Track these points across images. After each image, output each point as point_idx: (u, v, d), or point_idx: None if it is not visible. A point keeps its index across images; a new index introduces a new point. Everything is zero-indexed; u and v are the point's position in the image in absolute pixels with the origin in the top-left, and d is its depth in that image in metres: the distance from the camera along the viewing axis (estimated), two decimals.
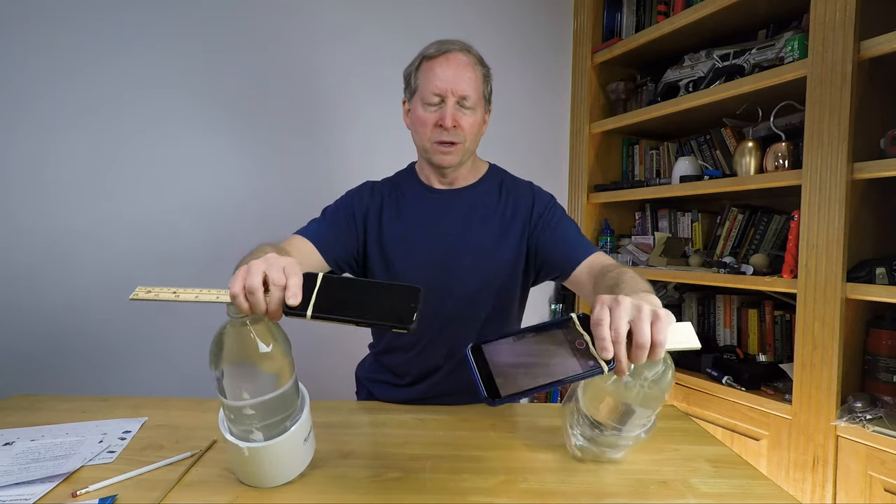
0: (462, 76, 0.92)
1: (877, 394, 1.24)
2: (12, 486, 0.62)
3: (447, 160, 0.96)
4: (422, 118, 0.94)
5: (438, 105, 0.93)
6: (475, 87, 0.94)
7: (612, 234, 2.07)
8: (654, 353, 0.51)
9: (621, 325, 0.51)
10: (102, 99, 1.44)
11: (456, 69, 0.92)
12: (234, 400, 0.57)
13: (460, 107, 0.93)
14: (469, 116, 0.94)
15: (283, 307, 0.55)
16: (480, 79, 0.96)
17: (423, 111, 0.94)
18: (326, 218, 1.01)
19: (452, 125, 0.92)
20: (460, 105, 0.93)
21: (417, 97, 0.95)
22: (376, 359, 1.10)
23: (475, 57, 0.96)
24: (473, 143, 0.99)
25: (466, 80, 0.92)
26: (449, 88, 0.91)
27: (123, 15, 1.45)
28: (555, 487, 0.64)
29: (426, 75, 0.93)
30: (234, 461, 0.63)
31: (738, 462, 0.73)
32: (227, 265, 1.70)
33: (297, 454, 0.63)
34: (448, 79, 0.91)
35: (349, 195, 1.04)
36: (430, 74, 0.92)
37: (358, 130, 1.76)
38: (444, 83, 0.91)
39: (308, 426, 0.64)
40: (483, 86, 0.97)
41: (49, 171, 1.40)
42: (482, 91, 0.97)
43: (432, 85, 0.92)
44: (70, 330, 1.43)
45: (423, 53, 0.95)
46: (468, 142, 0.96)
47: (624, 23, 2.00)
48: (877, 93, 1.27)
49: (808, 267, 1.30)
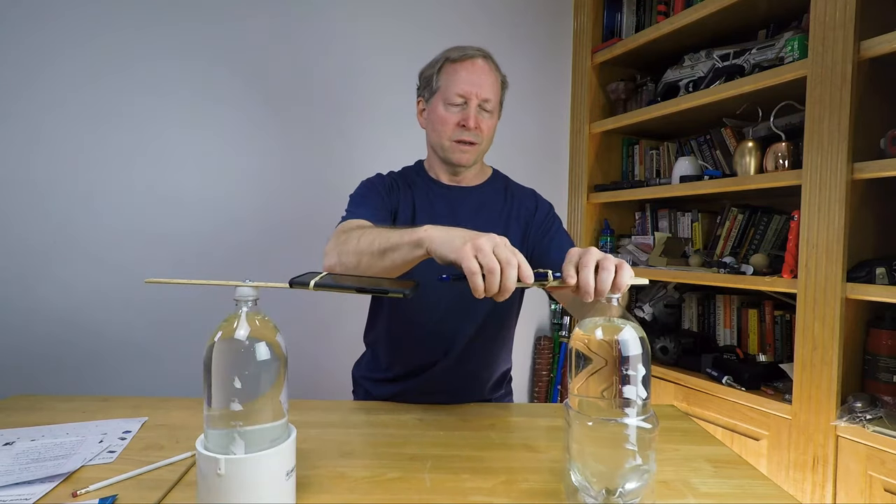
0: (485, 81, 0.97)
1: (877, 394, 1.24)
2: (12, 486, 0.62)
3: (465, 158, 0.99)
4: (443, 117, 0.98)
5: (462, 106, 0.97)
6: (495, 92, 0.99)
7: (612, 234, 2.07)
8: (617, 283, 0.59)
9: (589, 258, 0.60)
10: (103, 99, 1.44)
11: (480, 74, 0.97)
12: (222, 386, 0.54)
13: (482, 109, 0.98)
14: (488, 120, 0.99)
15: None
16: (499, 86, 1.01)
17: (444, 111, 0.98)
18: (370, 197, 0.99)
19: (475, 126, 0.96)
20: (482, 108, 0.98)
21: (439, 97, 0.99)
22: (373, 354, 1.11)
23: (494, 65, 1.01)
24: (487, 145, 1.03)
25: (489, 84, 0.97)
26: (474, 91, 0.96)
27: (127, 15, 1.45)
28: (555, 487, 0.64)
29: (451, 77, 0.97)
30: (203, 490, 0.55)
31: (738, 462, 0.73)
32: (228, 265, 1.70)
33: (279, 487, 0.55)
34: (473, 82, 0.96)
35: (377, 176, 1.05)
36: (454, 77, 0.97)
37: (365, 132, 1.76)
38: (470, 86, 0.96)
39: (293, 459, 0.58)
40: (500, 93, 1.02)
41: (50, 171, 1.40)
42: (500, 97, 1.02)
43: (457, 87, 0.96)
44: (70, 330, 1.43)
45: (446, 56, 0.99)
46: (484, 143, 1.01)
47: (624, 23, 2.00)
48: (877, 93, 1.27)
49: (808, 267, 1.30)
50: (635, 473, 0.55)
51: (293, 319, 1.50)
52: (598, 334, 0.57)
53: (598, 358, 0.56)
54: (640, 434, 0.55)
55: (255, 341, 0.56)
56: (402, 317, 1.02)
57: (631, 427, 0.55)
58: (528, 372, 2.14)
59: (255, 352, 0.55)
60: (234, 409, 0.54)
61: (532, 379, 2.14)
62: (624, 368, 0.55)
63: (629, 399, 0.55)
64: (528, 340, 2.13)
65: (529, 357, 2.13)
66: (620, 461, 0.55)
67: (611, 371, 0.55)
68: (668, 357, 1.70)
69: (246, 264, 1.60)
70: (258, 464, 0.54)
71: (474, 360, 1.02)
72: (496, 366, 1.07)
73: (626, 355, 0.55)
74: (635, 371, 0.55)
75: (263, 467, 0.54)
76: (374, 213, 0.93)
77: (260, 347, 0.56)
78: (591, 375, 0.56)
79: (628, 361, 0.55)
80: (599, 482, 0.56)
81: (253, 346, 0.55)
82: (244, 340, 0.55)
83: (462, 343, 1.00)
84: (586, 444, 0.57)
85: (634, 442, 0.55)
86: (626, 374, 0.55)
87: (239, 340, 0.55)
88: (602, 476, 0.56)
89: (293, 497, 0.58)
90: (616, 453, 0.55)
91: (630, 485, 0.55)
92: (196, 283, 0.60)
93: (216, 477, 0.53)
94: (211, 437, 0.56)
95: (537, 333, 2.15)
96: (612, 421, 0.55)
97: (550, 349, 2.10)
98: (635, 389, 0.55)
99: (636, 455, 0.55)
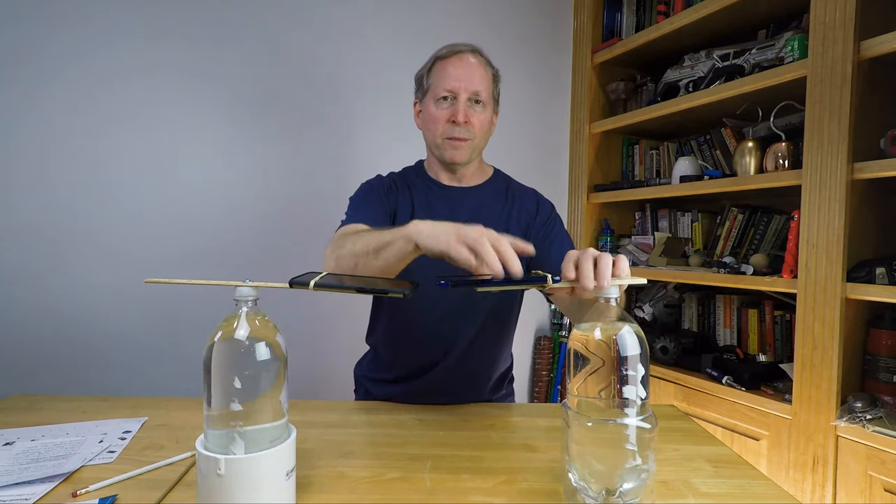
0: (473, 74, 0.96)
1: (877, 394, 1.24)
2: (12, 486, 0.62)
3: (458, 155, 0.99)
4: (434, 115, 0.98)
5: (450, 102, 0.96)
6: (486, 85, 0.98)
7: (612, 234, 2.07)
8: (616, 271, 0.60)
9: (585, 257, 0.60)
10: (105, 100, 1.44)
11: (467, 68, 0.96)
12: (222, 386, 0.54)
13: (472, 103, 0.97)
14: (480, 113, 0.98)
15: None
16: (490, 79, 1.00)
17: (435, 108, 0.98)
18: (368, 201, 0.99)
19: (464, 121, 0.95)
20: (472, 101, 0.97)
21: (430, 96, 0.99)
22: (375, 354, 1.11)
23: (485, 59, 1.00)
24: (483, 141, 1.02)
25: (478, 77, 0.97)
26: (461, 86, 0.95)
27: (131, 14, 1.45)
28: (554, 487, 0.64)
29: (439, 74, 0.97)
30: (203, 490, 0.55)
31: (738, 462, 0.73)
32: (228, 266, 1.70)
33: (278, 487, 0.55)
34: (460, 77, 0.95)
35: (376, 178, 1.06)
36: (442, 73, 0.97)
37: (368, 131, 1.76)
38: (457, 81, 0.95)
39: (293, 459, 0.58)
40: (493, 86, 1.01)
41: (50, 171, 1.40)
42: (492, 91, 1.01)
43: (445, 82, 0.96)
44: (70, 330, 1.43)
45: (436, 55, 0.99)
46: (478, 138, 0.99)
47: (624, 23, 2.00)
48: (876, 93, 1.27)
49: (808, 267, 1.30)
50: (634, 473, 0.55)
51: (293, 319, 1.50)
52: (597, 334, 0.57)
53: (597, 358, 0.56)
54: (639, 434, 0.55)
55: (255, 341, 0.56)
56: (402, 317, 1.02)
57: (630, 427, 0.55)
58: (528, 372, 2.14)
59: (255, 352, 0.55)
60: (234, 409, 0.54)
61: (532, 379, 2.14)
62: (623, 368, 0.55)
63: (628, 399, 0.55)
64: (528, 340, 2.13)
65: (529, 357, 2.13)
66: (619, 461, 0.55)
67: (609, 371, 0.55)
68: (668, 357, 1.70)
69: (246, 264, 1.60)
70: (258, 464, 0.54)
71: (475, 360, 1.02)
72: (497, 366, 1.07)
73: (624, 355, 0.55)
74: (634, 371, 0.55)
75: (263, 467, 0.54)
76: (372, 217, 0.92)
77: (260, 347, 0.56)
78: (589, 375, 0.56)
79: (627, 361, 0.55)
80: (599, 482, 0.56)
81: (253, 346, 0.55)
82: (244, 340, 0.55)
83: (462, 344, 1.00)
84: (585, 444, 0.56)
85: (634, 442, 0.55)
86: (625, 374, 0.55)
87: (239, 340, 0.55)
88: (601, 476, 0.56)
89: (293, 497, 0.58)
90: (615, 453, 0.55)
91: (629, 485, 0.55)
92: (196, 283, 0.60)
93: (216, 477, 0.53)
94: (211, 437, 0.56)
95: (537, 333, 2.15)
96: (611, 421, 0.55)
97: (550, 349, 2.10)
98: (634, 389, 0.55)
99: (635, 455, 0.55)
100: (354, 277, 0.71)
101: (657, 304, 1.92)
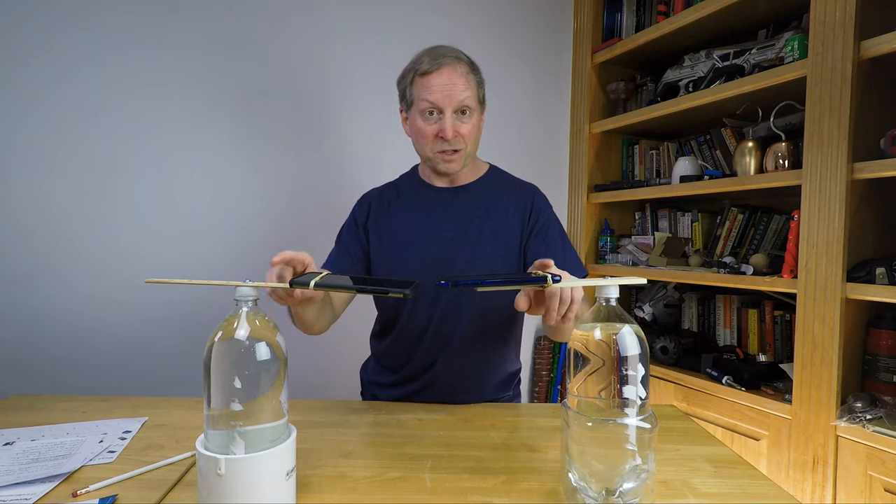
0: (458, 85, 0.94)
1: (877, 394, 1.24)
2: (12, 486, 0.62)
3: (452, 167, 0.99)
4: (422, 129, 0.97)
5: (437, 116, 0.95)
6: (471, 92, 0.96)
7: (612, 234, 2.07)
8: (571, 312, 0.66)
9: None
10: (106, 101, 1.44)
11: (450, 81, 0.93)
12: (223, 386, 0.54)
13: (458, 114, 0.95)
14: (467, 124, 0.97)
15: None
16: (474, 86, 0.98)
17: (422, 123, 0.96)
18: (340, 242, 1.08)
19: (453, 136, 0.94)
20: (459, 113, 0.95)
21: (415, 110, 0.97)
22: (377, 356, 1.11)
23: (467, 65, 0.97)
24: (474, 146, 1.01)
25: (461, 88, 0.94)
26: (446, 101, 0.93)
27: (130, 17, 1.45)
28: (554, 487, 0.64)
29: (421, 89, 0.95)
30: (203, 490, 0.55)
31: (738, 462, 0.73)
32: (229, 266, 1.70)
33: (278, 487, 0.56)
34: (445, 93, 0.93)
35: (353, 211, 1.10)
36: (425, 89, 0.94)
37: (363, 135, 1.76)
38: (441, 98, 0.93)
39: (293, 459, 0.58)
40: (477, 91, 0.99)
41: (50, 171, 1.40)
42: (477, 97, 0.99)
43: (429, 96, 0.94)
44: (70, 330, 1.43)
45: (416, 68, 0.96)
46: (469, 146, 0.99)
47: (624, 23, 2.00)
48: (877, 93, 1.27)
49: (808, 267, 1.30)
50: (634, 473, 0.55)
51: None
52: (597, 334, 0.57)
53: (597, 358, 0.56)
54: (639, 434, 0.55)
55: (255, 341, 0.56)
56: (400, 318, 1.02)
57: (630, 427, 0.55)
58: (528, 372, 2.14)
59: (255, 352, 0.56)
60: (235, 409, 0.54)
61: (532, 379, 2.14)
62: (623, 368, 0.55)
63: (628, 399, 0.55)
64: (528, 340, 2.13)
65: (529, 357, 2.13)
66: (620, 461, 0.55)
67: (609, 371, 0.55)
68: (667, 357, 1.70)
69: (246, 264, 1.60)
70: (258, 464, 0.54)
71: (474, 359, 1.02)
72: (499, 365, 1.07)
73: (624, 355, 0.55)
74: (634, 371, 0.55)
75: (263, 467, 0.54)
76: (332, 264, 1.03)
77: (260, 347, 0.56)
78: (589, 375, 0.56)
79: (627, 361, 0.55)
80: (599, 482, 0.56)
81: (253, 346, 0.56)
82: (244, 340, 0.55)
83: (459, 343, 1.00)
84: (585, 444, 0.57)
85: (634, 442, 0.55)
86: (625, 374, 0.55)
87: (239, 340, 0.55)
88: (601, 476, 0.56)
89: (293, 497, 0.58)
90: (615, 453, 0.55)
91: (629, 485, 0.55)
92: (196, 283, 0.60)
93: (216, 477, 0.53)
94: (211, 437, 0.56)
95: (537, 333, 2.15)
96: (611, 421, 0.55)
97: (550, 349, 2.10)
98: (634, 389, 0.55)
99: (635, 455, 0.55)
100: (354, 277, 0.71)
101: (657, 304, 1.92)
